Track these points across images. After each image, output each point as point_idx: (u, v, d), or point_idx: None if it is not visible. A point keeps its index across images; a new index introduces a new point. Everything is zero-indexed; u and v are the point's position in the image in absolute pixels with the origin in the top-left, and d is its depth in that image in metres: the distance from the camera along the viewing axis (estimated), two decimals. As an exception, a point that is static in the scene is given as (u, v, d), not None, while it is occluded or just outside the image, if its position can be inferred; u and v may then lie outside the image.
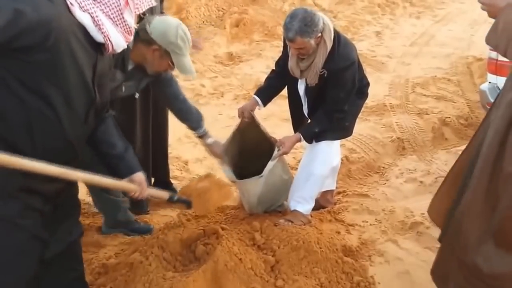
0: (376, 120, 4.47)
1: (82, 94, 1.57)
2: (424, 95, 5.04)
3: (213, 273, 2.21)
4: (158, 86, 2.44)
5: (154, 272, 2.23)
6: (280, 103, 2.96)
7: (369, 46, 6.60)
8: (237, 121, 2.87)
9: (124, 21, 1.55)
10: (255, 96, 2.83)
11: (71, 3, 1.45)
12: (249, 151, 2.86)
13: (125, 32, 1.58)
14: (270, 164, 2.59)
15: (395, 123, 4.39)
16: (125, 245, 2.64)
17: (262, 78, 5.33)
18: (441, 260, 2.02)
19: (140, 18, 2.15)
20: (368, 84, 2.84)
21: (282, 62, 2.72)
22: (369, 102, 4.39)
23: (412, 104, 4.83)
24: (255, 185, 2.61)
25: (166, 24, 2.03)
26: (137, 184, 1.83)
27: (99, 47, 1.55)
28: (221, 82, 5.42)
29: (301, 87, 2.76)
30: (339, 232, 2.79)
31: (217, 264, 2.21)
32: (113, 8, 1.52)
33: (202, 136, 2.60)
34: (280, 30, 6.18)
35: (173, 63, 2.09)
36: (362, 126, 4.18)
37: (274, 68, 2.90)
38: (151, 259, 2.31)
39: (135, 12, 1.59)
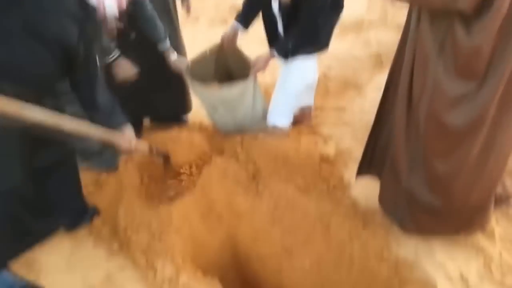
0: (354, 36, 4.48)
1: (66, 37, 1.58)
2: (404, 9, 5.01)
3: (200, 185, 2.36)
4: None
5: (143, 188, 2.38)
6: (256, 27, 2.96)
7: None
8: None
9: None
10: (235, 22, 2.82)
11: None
12: (230, 78, 2.92)
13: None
14: (247, 81, 2.65)
15: (373, 39, 4.41)
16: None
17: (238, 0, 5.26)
18: (386, 189, 2.18)
19: None
20: (343, -6, 2.83)
21: None
22: (347, 18, 4.37)
23: (391, 19, 4.81)
24: (228, 92, 2.67)
25: None
26: (126, 138, 1.88)
27: (91, 10, 1.59)
28: (195, 5, 5.28)
29: (275, 5, 2.75)
30: (317, 144, 2.94)
31: (203, 177, 2.36)
32: None
33: (166, 52, 2.61)
34: None
35: None
36: (339, 43, 4.20)
37: None
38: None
39: None
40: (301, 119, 3.22)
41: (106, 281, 2.05)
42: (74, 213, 2.22)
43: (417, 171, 1.94)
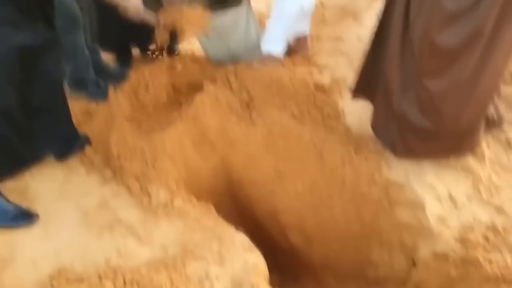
0: (353, -37, 4.26)
1: None
2: None
3: (193, 113, 2.34)
4: None
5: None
6: None
7: None
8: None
9: None
10: None
11: None
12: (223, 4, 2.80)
13: None
14: (240, 7, 2.55)
15: (372, -36, 4.19)
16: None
17: None
18: (378, 112, 2.15)
19: None
20: None
21: None
22: None
23: None
24: (221, 19, 2.57)
25: None
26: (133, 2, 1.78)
27: None
28: None
29: None
30: (312, 73, 2.88)
31: (195, 104, 2.33)
32: None
33: None
34: None
35: None
36: (337, -30, 4.00)
37: None
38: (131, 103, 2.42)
39: None
40: (296, 49, 3.13)
41: (101, 207, 2.08)
42: (65, 141, 2.21)
43: (409, 93, 1.93)
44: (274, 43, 2.75)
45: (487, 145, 2.14)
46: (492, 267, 1.68)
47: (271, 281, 2.44)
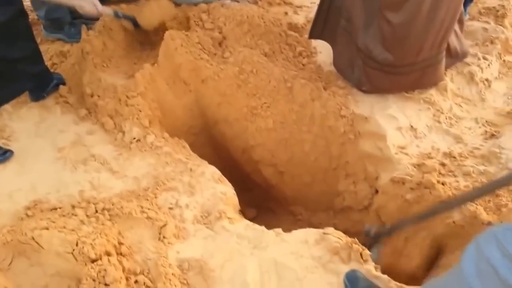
0: None
1: None
2: None
3: (164, 51, 2.34)
4: None
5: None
6: None
7: None
8: None
9: None
10: None
11: None
12: None
13: None
14: None
15: None
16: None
17: None
18: (342, 51, 2.16)
19: None
20: None
21: None
22: None
23: None
24: None
25: None
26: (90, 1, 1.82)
27: None
28: None
29: None
30: (286, 13, 2.87)
31: (165, 42, 2.33)
32: None
33: None
34: None
35: None
36: None
37: None
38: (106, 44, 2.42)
39: None
40: (273, -12, 3.10)
41: (75, 144, 2.13)
42: (38, 79, 2.23)
43: (372, 28, 1.96)
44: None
45: (451, 78, 2.19)
46: (445, 189, 1.77)
47: (248, 215, 2.55)
